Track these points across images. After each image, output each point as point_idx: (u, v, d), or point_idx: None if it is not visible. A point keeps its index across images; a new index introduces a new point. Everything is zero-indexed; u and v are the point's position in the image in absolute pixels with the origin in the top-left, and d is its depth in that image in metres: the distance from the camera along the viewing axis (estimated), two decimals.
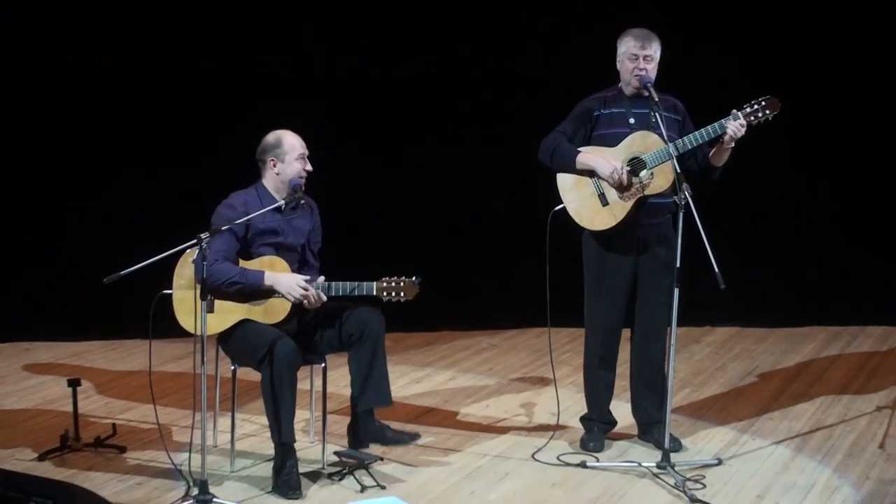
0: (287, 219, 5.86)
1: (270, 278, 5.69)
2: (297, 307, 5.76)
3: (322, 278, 5.77)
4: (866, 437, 6.39)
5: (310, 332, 5.86)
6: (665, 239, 6.00)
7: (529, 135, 6.23)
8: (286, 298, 5.69)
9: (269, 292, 5.70)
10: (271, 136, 5.88)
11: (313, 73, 8.44)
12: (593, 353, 6.18)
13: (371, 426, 6.08)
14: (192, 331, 5.62)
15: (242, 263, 5.75)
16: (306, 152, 5.87)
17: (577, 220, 6.01)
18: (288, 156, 5.82)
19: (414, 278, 5.78)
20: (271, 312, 5.76)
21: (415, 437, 6.20)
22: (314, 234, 6.03)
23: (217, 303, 5.63)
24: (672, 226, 5.91)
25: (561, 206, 6.01)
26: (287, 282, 5.69)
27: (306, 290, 5.67)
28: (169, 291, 5.72)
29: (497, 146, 8.44)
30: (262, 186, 5.90)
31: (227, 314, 5.71)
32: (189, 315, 5.58)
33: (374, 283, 5.75)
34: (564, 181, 6.01)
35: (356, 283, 5.73)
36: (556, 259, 6.08)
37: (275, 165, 5.84)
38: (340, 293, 5.74)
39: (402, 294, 5.77)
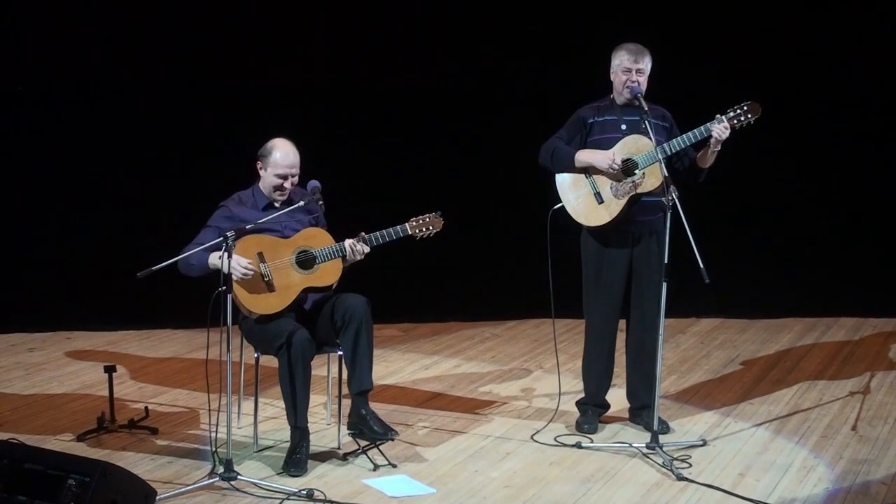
0: (281, 218, 5.72)
1: (214, 258, 5.51)
2: (348, 265, 5.71)
3: (362, 233, 5.67)
4: (840, 420, 6.37)
5: (309, 325, 5.69)
6: (658, 235, 5.98)
7: (529, 139, 6.22)
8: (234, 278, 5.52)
9: (216, 271, 5.49)
10: (270, 143, 5.75)
11: (331, 83, 8.45)
12: (593, 342, 6.16)
13: (356, 412, 5.68)
14: (256, 311, 5.60)
15: (300, 234, 5.68)
16: (290, 171, 5.69)
17: (574, 217, 5.99)
18: (270, 168, 5.70)
19: (437, 213, 5.79)
20: (325, 276, 5.68)
21: (393, 433, 5.68)
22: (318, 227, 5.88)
23: (276, 280, 5.59)
24: (664, 223, 5.90)
25: (560, 204, 6.00)
26: (234, 265, 5.45)
27: (247, 271, 5.51)
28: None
29: (497, 150, 8.42)
30: (257, 187, 5.80)
31: (287, 289, 5.64)
32: (251, 296, 5.56)
33: (407, 224, 5.74)
34: (563, 181, 6.00)
35: (391, 229, 5.71)
36: (554, 254, 6.06)
37: (261, 169, 5.76)
38: (381, 241, 5.69)
39: (431, 228, 5.78)
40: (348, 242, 5.67)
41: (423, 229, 5.77)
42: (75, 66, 8.20)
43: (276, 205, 5.75)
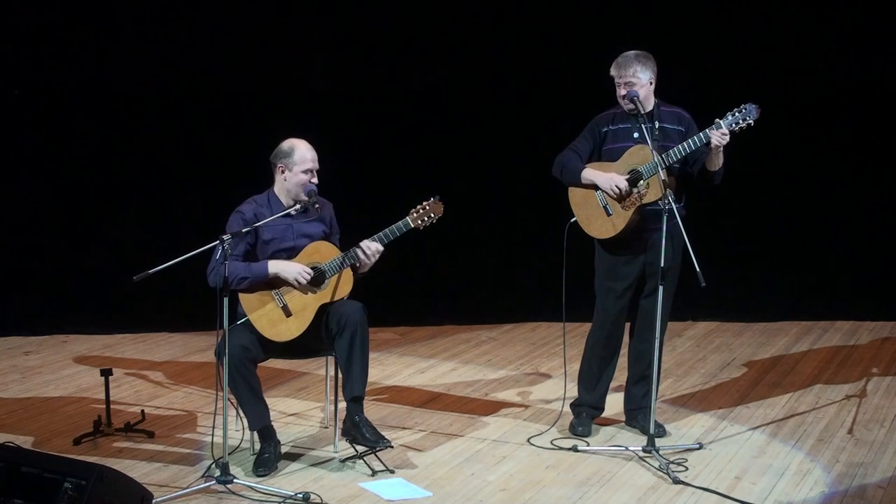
0: (296, 226, 5.73)
1: (275, 267, 5.57)
2: (359, 274, 5.71)
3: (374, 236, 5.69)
4: (836, 423, 6.37)
5: (307, 334, 5.66)
6: (674, 240, 5.94)
7: (528, 144, 6.22)
8: (292, 284, 5.57)
9: (277, 280, 5.58)
10: (286, 144, 5.73)
11: (332, 86, 8.44)
12: (596, 346, 6.15)
13: (349, 419, 5.65)
14: (280, 339, 5.60)
15: (304, 251, 5.66)
16: (315, 166, 5.70)
17: (585, 229, 6.02)
18: (296, 166, 5.67)
19: (433, 198, 5.77)
20: (338, 289, 5.66)
21: (385, 442, 5.63)
22: (331, 234, 5.86)
23: (291, 304, 5.59)
24: (678, 229, 5.89)
25: (574, 219, 6.01)
26: (293, 269, 5.56)
27: (310, 274, 5.58)
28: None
29: (495, 154, 8.42)
30: (273, 192, 5.77)
31: (303, 311, 5.62)
32: (271, 326, 5.58)
33: (408, 218, 5.71)
34: (574, 195, 6.03)
35: (395, 225, 5.68)
36: (552, 261, 6.06)
37: (282, 172, 5.71)
38: (390, 238, 5.67)
39: (433, 215, 5.74)
40: (363, 244, 5.64)
41: (425, 218, 5.74)
42: (72, 69, 8.20)
43: (293, 212, 5.71)
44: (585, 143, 6.01)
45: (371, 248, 5.64)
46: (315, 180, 5.71)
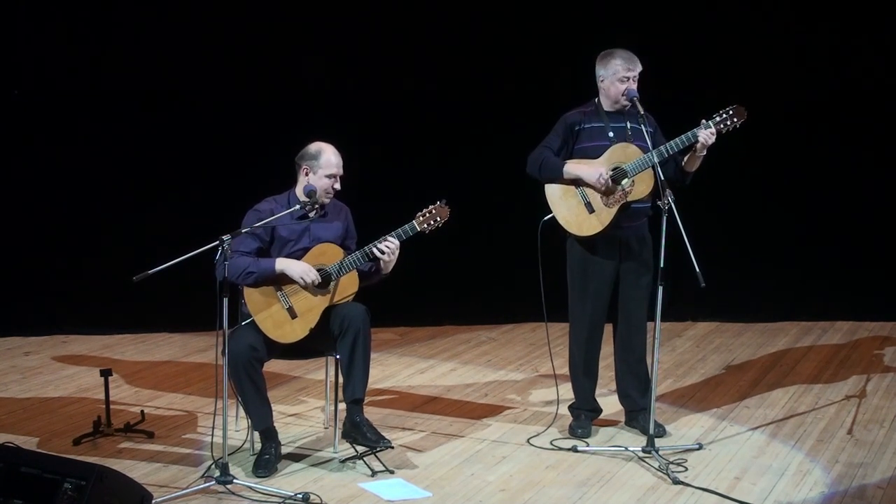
0: (312, 226, 5.72)
1: (281, 263, 5.57)
2: (365, 274, 5.73)
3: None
4: (836, 423, 6.37)
5: (310, 335, 5.66)
6: (644, 240, 6.01)
7: (526, 143, 6.21)
8: (298, 283, 5.57)
9: (283, 278, 5.57)
10: (313, 147, 5.73)
11: (332, 87, 8.44)
12: (579, 348, 6.16)
13: (350, 420, 5.65)
14: (284, 341, 5.60)
15: (310, 253, 5.66)
16: (340, 172, 5.70)
17: (566, 227, 5.98)
18: (321, 170, 5.67)
19: (440, 202, 5.78)
20: (343, 290, 5.67)
21: (386, 442, 5.63)
22: (348, 236, 5.87)
23: (297, 306, 5.59)
24: (649, 228, 5.93)
25: (550, 215, 5.99)
26: (299, 268, 5.57)
27: (316, 276, 5.58)
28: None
29: (494, 154, 8.41)
30: (294, 193, 5.76)
31: (308, 312, 5.62)
32: (276, 328, 5.57)
33: (415, 222, 5.73)
34: (552, 193, 5.99)
35: (402, 228, 5.70)
36: (547, 262, 6.06)
37: (306, 174, 5.70)
38: (399, 239, 5.68)
39: (439, 219, 5.75)
40: (381, 244, 5.65)
41: (431, 222, 5.75)
42: (72, 69, 8.20)
43: (312, 214, 5.71)
44: (558, 140, 5.98)
45: (391, 244, 5.65)
46: (337, 186, 5.71)
